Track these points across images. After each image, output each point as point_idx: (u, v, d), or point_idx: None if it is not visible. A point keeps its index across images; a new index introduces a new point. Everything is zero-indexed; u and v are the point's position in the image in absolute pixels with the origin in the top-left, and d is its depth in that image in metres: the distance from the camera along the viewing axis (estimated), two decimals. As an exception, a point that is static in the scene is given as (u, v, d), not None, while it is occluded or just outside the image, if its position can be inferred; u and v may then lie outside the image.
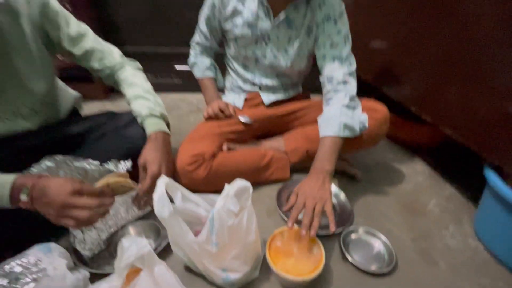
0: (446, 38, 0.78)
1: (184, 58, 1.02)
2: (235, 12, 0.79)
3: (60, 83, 0.79)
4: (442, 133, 0.81)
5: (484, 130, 0.69)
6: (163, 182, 0.51)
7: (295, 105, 0.94)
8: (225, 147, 0.82)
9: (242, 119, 0.86)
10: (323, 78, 0.79)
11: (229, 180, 0.57)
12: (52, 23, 0.63)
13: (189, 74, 1.04)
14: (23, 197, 0.47)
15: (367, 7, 1.16)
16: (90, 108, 1.35)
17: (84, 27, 0.69)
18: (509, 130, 0.63)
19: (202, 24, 0.88)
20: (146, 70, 1.82)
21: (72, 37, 0.66)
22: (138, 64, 0.79)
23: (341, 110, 0.71)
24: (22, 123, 0.66)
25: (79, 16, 1.25)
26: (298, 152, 0.87)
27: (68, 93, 0.81)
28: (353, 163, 0.95)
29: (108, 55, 0.72)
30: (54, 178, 0.50)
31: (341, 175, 0.92)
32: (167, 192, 0.52)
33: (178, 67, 1.56)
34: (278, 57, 0.84)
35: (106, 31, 1.45)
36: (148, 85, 0.74)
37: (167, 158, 0.65)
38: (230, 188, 0.52)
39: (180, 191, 0.56)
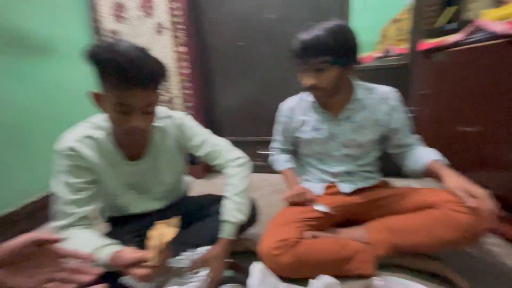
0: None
1: (265, 144, 1.22)
2: (302, 122, 0.98)
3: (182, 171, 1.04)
4: None
5: None
6: (260, 266, 0.58)
7: (376, 193, 0.95)
8: (309, 234, 0.85)
9: (319, 207, 0.91)
10: (398, 150, 0.96)
11: (313, 269, 0.60)
12: (184, 136, 0.87)
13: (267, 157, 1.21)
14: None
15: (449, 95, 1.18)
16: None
17: (205, 135, 0.90)
18: None
19: (277, 135, 1.10)
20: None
21: (197, 145, 0.88)
22: (243, 160, 0.91)
23: (432, 149, 0.88)
24: (152, 204, 0.90)
25: (196, 115, 1.64)
26: (383, 245, 0.83)
27: (184, 179, 1.06)
28: (451, 265, 0.82)
29: (221, 154, 0.89)
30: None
31: (434, 279, 0.80)
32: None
33: (260, 151, 1.82)
34: (349, 146, 0.94)
35: (208, 126, 1.87)
36: (242, 186, 0.85)
37: (223, 264, 0.76)
38: (316, 283, 0.54)
39: (271, 276, 0.61)
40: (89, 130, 0.74)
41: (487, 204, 0.64)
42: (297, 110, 0.99)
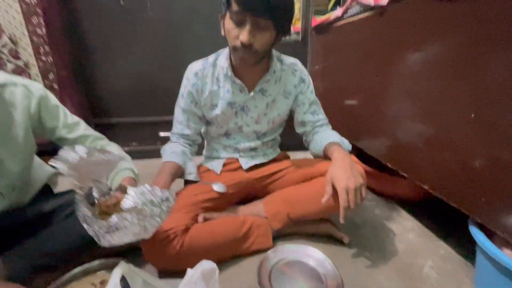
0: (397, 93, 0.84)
1: (167, 125, 1.04)
2: (213, 94, 0.85)
3: (36, 162, 0.80)
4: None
5: (460, 185, 0.68)
6: (120, 270, 0.46)
7: (274, 166, 0.94)
8: (200, 218, 0.77)
9: (216, 187, 0.83)
10: (304, 128, 0.93)
11: (206, 255, 0.53)
12: (50, 113, 0.71)
13: (167, 140, 1.06)
14: None
15: (334, 69, 1.28)
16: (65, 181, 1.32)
17: (77, 118, 0.78)
18: (486, 185, 0.62)
19: (178, 115, 0.89)
20: (133, 139, 1.85)
21: (69, 125, 0.74)
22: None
23: (333, 132, 0.88)
24: None
25: (66, 93, 1.32)
26: (280, 217, 0.82)
27: (42, 170, 0.82)
28: (338, 223, 0.91)
29: (95, 139, 0.78)
30: None
31: (327, 239, 0.86)
32: (126, 279, 0.46)
33: (162, 134, 1.61)
34: (260, 122, 0.89)
35: (94, 106, 1.52)
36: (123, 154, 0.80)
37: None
38: (194, 272, 0.46)
39: (141, 278, 0.51)
40: None
41: (343, 200, 0.67)
42: (208, 77, 0.84)
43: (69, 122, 0.74)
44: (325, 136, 0.87)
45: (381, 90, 0.94)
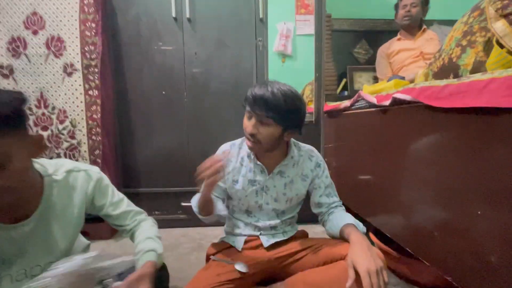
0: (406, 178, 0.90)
1: (189, 196, 1.13)
2: (235, 171, 0.97)
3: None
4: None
5: (482, 280, 0.68)
6: None
7: (294, 246, 0.96)
8: (222, 301, 0.79)
9: (238, 267, 0.86)
10: (319, 209, 0.99)
11: None
12: (101, 193, 0.80)
13: (191, 209, 1.13)
14: None
15: (345, 150, 1.38)
16: (95, 247, 1.37)
17: (121, 195, 0.86)
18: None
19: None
20: (156, 208, 1.95)
21: (114, 203, 0.82)
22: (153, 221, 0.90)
23: (348, 214, 0.92)
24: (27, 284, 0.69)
25: (106, 166, 1.48)
26: (301, 302, 0.81)
27: (80, 242, 0.88)
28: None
29: (135, 214, 0.86)
30: None
31: None
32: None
33: (184, 204, 1.70)
34: (279, 200, 0.97)
35: (125, 176, 1.68)
36: (156, 233, 0.84)
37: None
38: None
39: None
40: None
41: (366, 284, 0.69)
42: (233, 156, 0.98)
43: (114, 200, 0.82)
44: (340, 217, 0.92)
45: (390, 174, 1.02)
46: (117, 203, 0.83)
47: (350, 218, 0.91)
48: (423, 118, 0.82)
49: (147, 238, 0.79)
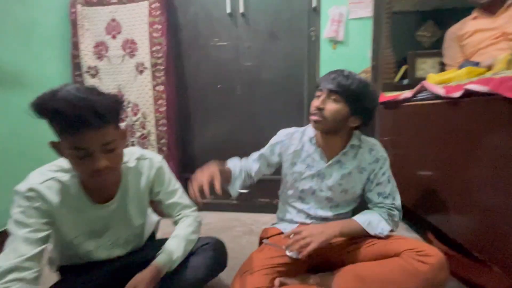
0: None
1: None
2: (295, 153, 1.01)
3: (148, 211, 0.99)
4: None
5: None
6: None
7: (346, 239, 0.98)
8: (277, 282, 0.84)
9: (289, 253, 0.91)
10: (368, 205, 0.98)
11: None
12: (159, 180, 0.88)
13: (244, 196, 1.21)
14: None
15: (403, 143, 1.30)
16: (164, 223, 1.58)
17: (177, 185, 0.93)
18: None
19: (254, 155, 1.07)
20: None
21: (168, 192, 0.89)
22: (197, 218, 0.94)
23: (371, 213, 0.92)
24: (117, 251, 0.85)
25: (170, 153, 1.65)
26: (351, 293, 0.83)
27: (151, 219, 1.02)
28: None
29: (183, 208, 0.92)
30: None
31: None
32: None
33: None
34: (333, 190, 0.98)
35: (185, 163, 1.86)
36: (190, 235, 0.87)
37: None
38: None
39: None
40: (54, 172, 0.72)
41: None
42: (295, 139, 1.02)
43: (169, 190, 0.89)
44: (365, 212, 0.94)
45: (459, 173, 0.94)
46: (170, 192, 0.89)
47: (363, 217, 0.91)
48: (502, 113, 0.74)
49: (174, 237, 0.84)
